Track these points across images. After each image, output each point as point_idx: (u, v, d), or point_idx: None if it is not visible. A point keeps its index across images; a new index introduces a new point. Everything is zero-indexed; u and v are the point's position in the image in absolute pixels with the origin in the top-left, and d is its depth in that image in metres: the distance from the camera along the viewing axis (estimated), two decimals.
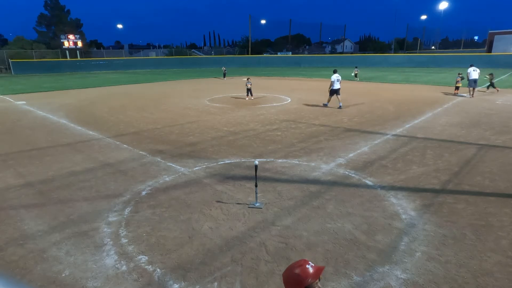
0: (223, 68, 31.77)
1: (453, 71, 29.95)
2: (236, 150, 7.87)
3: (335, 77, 13.64)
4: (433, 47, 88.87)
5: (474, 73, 16.04)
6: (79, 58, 47.72)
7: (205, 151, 7.82)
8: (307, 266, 1.74)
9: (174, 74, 38.03)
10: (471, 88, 16.22)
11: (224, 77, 30.76)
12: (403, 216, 4.60)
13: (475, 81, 16.03)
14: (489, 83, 18.06)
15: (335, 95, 13.69)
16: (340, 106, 13.56)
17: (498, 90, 17.88)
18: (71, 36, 46.97)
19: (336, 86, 13.61)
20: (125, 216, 4.72)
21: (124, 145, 8.47)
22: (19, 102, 16.79)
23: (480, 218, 4.51)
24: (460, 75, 17.19)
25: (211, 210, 4.88)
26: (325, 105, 14.21)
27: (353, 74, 28.08)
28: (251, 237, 4.14)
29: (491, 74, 18.23)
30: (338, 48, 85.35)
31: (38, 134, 10.03)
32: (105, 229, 4.38)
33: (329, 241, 4.01)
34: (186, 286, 3.30)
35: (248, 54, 59.73)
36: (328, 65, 49.00)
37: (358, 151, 7.68)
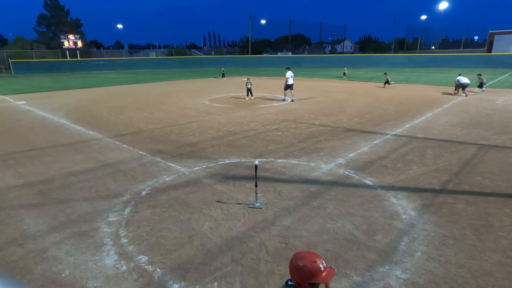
0: (222, 69, 31.89)
1: (453, 71, 29.97)
2: (236, 150, 7.87)
3: (289, 74, 15.35)
4: (433, 47, 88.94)
5: (464, 78, 16.75)
6: (79, 58, 47.69)
7: (205, 151, 7.82)
8: (320, 265, 1.69)
9: (174, 74, 38.02)
10: (461, 89, 17.02)
11: (223, 77, 30.79)
12: (403, 216, 4.60)
13: (465, 85, 16.74)
14: (385, 81, 21.42)
15: (289, 89, 15.50)
16: (292, 100, 15.43)
17: (391, 85, 21.31)
18: (71, 36, 46.93)
19: (290, 81, 15.34)
20: (125, 216, 4.72)
21: (124, 145, 8.47)
22: (19, 102, 16.79)
23: (480, 218, 4.51)
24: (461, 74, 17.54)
25: (211, 210, 4.87)
26: (284, 100, 15.71)
27: (344, 73, 29.01)
28: (251, 237, 4.14)
29: (385, 73, 21.94)
30: (338, 48, 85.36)
31: (38, 134, 10.03)
32: (105, 229, 4.38)
33: (329, 241, 4.01)
34: (186, 286, 3.30)
35: (248, 54, 59.72)
36: (328, 65, 49.06)
37: (358, 151, 7.68)
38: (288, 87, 15.39)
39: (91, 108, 14.74)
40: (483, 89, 18.06)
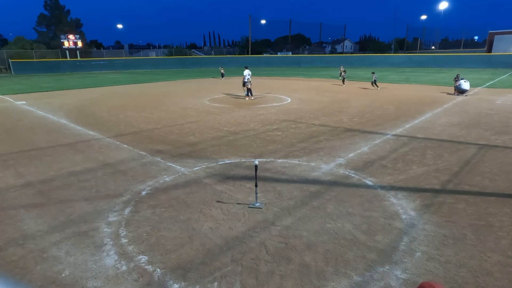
0: (221, 69, 31.86)
1: (453, 71, 29.97)
2: (236, 150, 7.87)
3: (246, 72, 16.92)
4: (433, 47, 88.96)
5: (465, 84, 16.83)
6: (79, 58, 47.71)
7: (205, 151, 7.82)
8: None
9: (174, 74, 38.02)
10: (458, 91, 17.17)
11: (222, 77, 30.77)
12: (403, 216, 4.60)
13: (463, 90, 16.86)
14: (342, 78, 23.13)
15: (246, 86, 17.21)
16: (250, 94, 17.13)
17: (345, 84, 22.89)
18: (71, 36, 46.97)
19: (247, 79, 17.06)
20: (125, 216, 4.72)
21: (124, 145, 8.47)
22: (19, 102, 16.79)
23: (480, 218, 4.51)
24: (459, 76, 17.66)
25: (211, 210, 4.87)
26: (245, 96, 17.24)
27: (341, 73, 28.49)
28: (251, 237, 4.14)
29: (344, 71, 23.65)
30: (338, 48, 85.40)
31: (38, 134, 10.03)
32: (105, 229, 4.38)
33: (329, 241, 4.01)
34: (186, 286, 3.30)
35: (248, 54, 59.73)
36: (328, 65, 49.06)
37: (358, 151, 7.68)
38: (245, 84, 17.18)
39: (91, 108, 14.74)
40: (377, 87, 20.27)
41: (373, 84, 20.39)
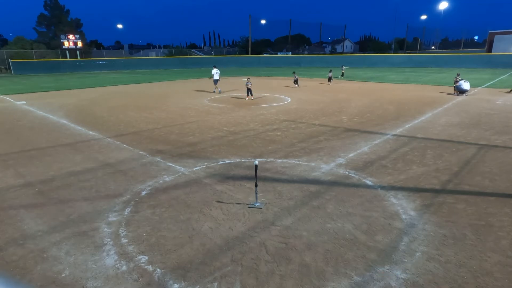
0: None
1: (453, 71, 29.97)
2: (236, 150, 7.87)
3: (214, 71, 19.13)
4: (433, 47, 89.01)
5: (465, 84, 16.88)
6: (79, 58, 47.74)
7: (205, 151, 7.82)
8: None
9: (174, 74, 38.01)
10: (457, 91, 17.20)
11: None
12: (403, 216, 4.60)
13: (463, 90, 16.94)
14: (329, 77, 24.48)
15: (216, 84, 19.22)
16: (219, 91, 19.07)
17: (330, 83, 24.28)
18: (71, 36, 46.99)
19: (215, 77, 19.04)
20: (125, 216, 4.72)
21: (124, 145, 8.47)
22: (19, 102, 16.79)
23: (480, 218, 4.51)
24: (459, 76, 17.68)
25: (211, 210, 4.87)
26: (214, 92, 19.25)
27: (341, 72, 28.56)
28: (251, 237, 4.14)
29: (330, 71, 25.10)
30: (338, 48, 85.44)
31: (38, 134, 10.03)
32: (105, 229, 4.38)
33: (329, 241, 4.01)
34: (186, 286, 3.30)
35: (248, 54, 59.73)
36: (328, 65, 49.00)
37: (358, 151, 7.68)
38: (216, 81, 19.06)
39: (91, 108, 14.74)
40: (297, 85, 22.10)
41: (329, 80, 24.30)
